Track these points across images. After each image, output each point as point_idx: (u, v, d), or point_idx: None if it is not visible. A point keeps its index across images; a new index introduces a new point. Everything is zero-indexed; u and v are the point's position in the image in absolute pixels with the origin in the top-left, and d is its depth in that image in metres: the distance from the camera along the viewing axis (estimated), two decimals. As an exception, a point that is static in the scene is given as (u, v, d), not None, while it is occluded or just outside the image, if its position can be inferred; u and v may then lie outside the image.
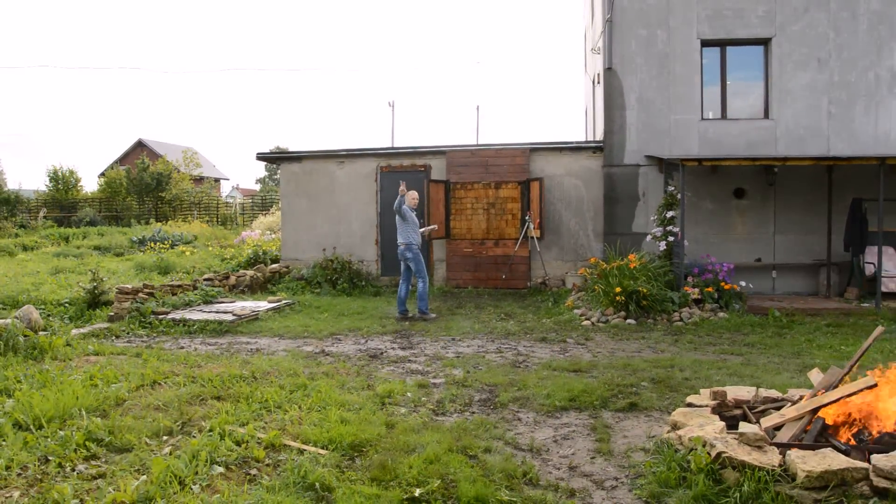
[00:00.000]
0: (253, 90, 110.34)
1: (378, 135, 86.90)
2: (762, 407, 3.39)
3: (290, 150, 14.71)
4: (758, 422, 3.24)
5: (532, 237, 10.16)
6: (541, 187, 10.27)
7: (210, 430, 3.61)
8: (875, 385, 2.97)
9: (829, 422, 3.04)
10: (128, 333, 6.75)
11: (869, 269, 8.73)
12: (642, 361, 5.41)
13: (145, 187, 27.28)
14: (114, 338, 6.52)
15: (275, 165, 30.89)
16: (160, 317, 7.38)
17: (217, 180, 43.20)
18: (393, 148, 11.87)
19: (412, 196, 7.88)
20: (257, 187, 54.67)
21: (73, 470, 3.13)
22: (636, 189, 10.12)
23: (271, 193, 33.92)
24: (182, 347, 6.14)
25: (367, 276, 11.00)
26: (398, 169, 11.35)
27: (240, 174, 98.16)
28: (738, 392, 3.62)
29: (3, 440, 3.41)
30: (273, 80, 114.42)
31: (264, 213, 25.15)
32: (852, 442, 2.95)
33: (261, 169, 69.91)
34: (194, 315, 7.51)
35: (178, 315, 7.47)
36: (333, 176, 11.64)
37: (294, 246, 11.74)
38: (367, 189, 11.49)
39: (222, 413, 3.91)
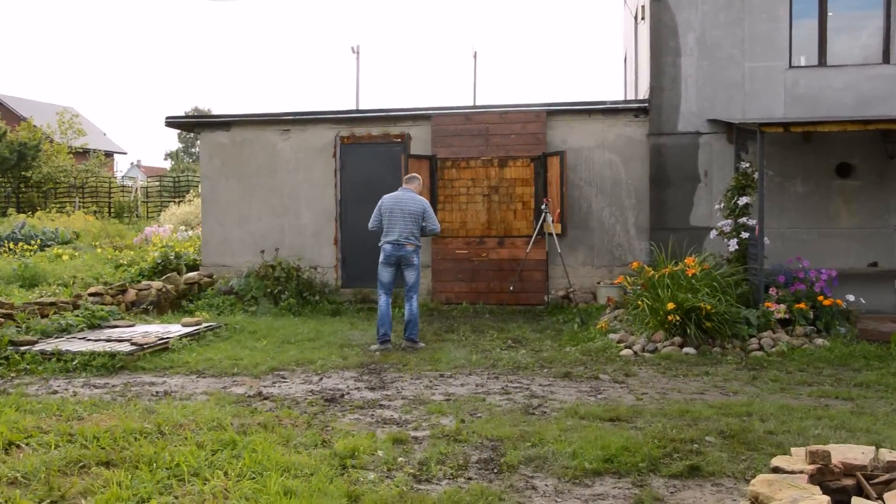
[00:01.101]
0: (162, 32, 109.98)
1: (338, 94, 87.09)
2: (885, 476, 3.26)
3: (215, 113, 14.78)
4: (880, 498, 3.13)
5: (550, 234, 10.17)
6: (562, 165, 10.30)
7: (93, 513, 3.54)
8: None
9: None
10: (-31, 374, 6.64)
11: None
12: (706, 407, 5.41)
13: (1, 163, 26.05)
14: (-52, 381, 6.41)
15: (192, 135, 30.50)
16: (23, 349, 7.17)
17: (109, 154, 42.21)
18: (358, 111, 11.89)
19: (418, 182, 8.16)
20: (167, 165, 54.46)
21: None
22: (695, 166, 10.18)
23: (187, 174, 33.79)
24: (55, 392, 6.04)
25: (323, 287, 11.04)
26: (365, 140, 11.39)
27: (143, 147, 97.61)
28: (849, 453, 3.48)
29: None
30: (190, 18, 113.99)
31: (177, 200, 25.13)
32: None
33: (172, 140, 69.33)
34: (75, 345, 7.37)
35: (49, 345, 7.31)
36: (276, 150, 11.66)
37: (220, 247, 11.73)
38: (322, 167, 11.51)
39: (112, 486, 3.80)
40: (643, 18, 11.52)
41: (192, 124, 12.47)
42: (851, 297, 8.45)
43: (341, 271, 11.40)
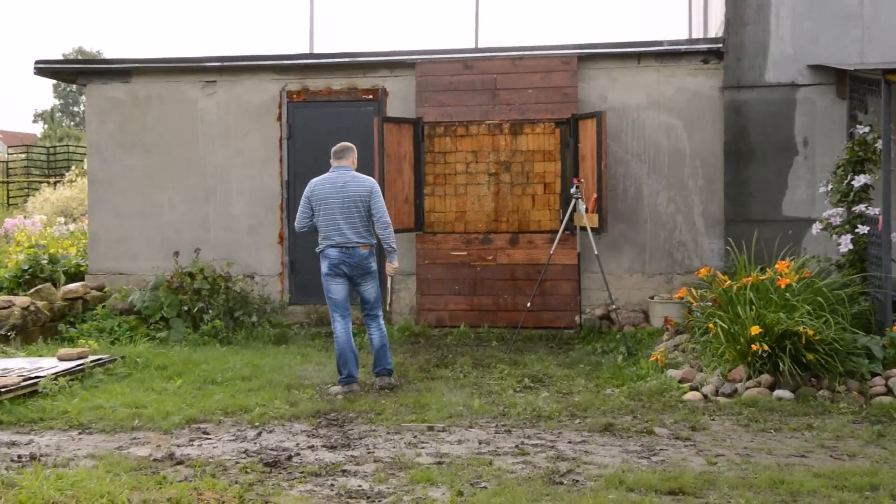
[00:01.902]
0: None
1: (284, 33, 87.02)
2: None
3: (108, 57, 14.57)
4: None
5: (584, 229, 10.15)
6: (600, 132, 10.31)
7: None
8: None
9: None
10: None
11: None
12: (810, 476, 5.39)
13: None
14: None
15: (75, 88, 30.73)
16: None
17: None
18: (313, 56, 11.95)
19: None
20: (37, 130, 54.13)
21: None
22: (790, 132, 10.21)
23: (67, 144, 33.59)
24: None
25: (263, 304, 11.10)
26: (323, 96, 11.44)
27: (1, 106, 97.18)
28: None
29: None
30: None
31: (53, 181, 25.06)
32: None
33: (46, 95, 68.70)
34: None
35: None
36: (196, 110, 11.70)
37: (115, 247, 11.75)
38: (261, 135, 11.56)
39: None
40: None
41: (75, 71, 12.41)
42: None
43: (289, 281, 11.42)
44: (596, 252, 9.89)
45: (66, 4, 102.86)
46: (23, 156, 30.89)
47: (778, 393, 7.28)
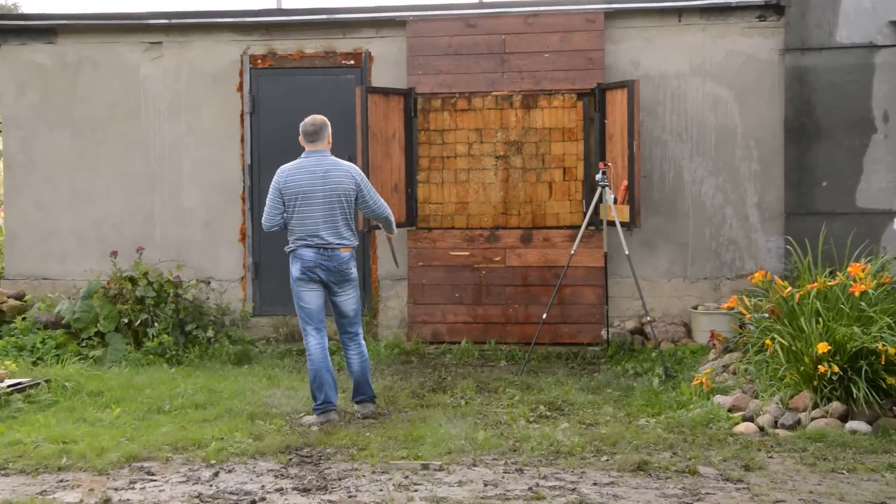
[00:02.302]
0: None
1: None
2: None
3: (27, 12, 14.42)
4: None
5: (612, 223, 10.12)
6: (632, 105, 10.31)
7: None
8: None
9: None
10: None
11: None
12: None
13: None
14: None
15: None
16: None
17: None
18: (281, 12, 11.95)
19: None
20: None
21: None
22: (867, 105, 10.25)
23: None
24: None
25: (221, 315, 11.12)
26: (294, 62, 11.46)
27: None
28: None
29: None
30: None
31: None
32: None
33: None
34: None
35: None
36: (137, 78, 11.71)
37: (38, 246, 11.76)
38: (218, 109, 11.59)
39: None
40: None
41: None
42: None
43: (253, 288, 11.47)
44: (627, 252, 9.86)
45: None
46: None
47: (851, 425, 7.23)
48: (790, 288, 8.33)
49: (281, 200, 7.82)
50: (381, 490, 6.03)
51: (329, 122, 8.00)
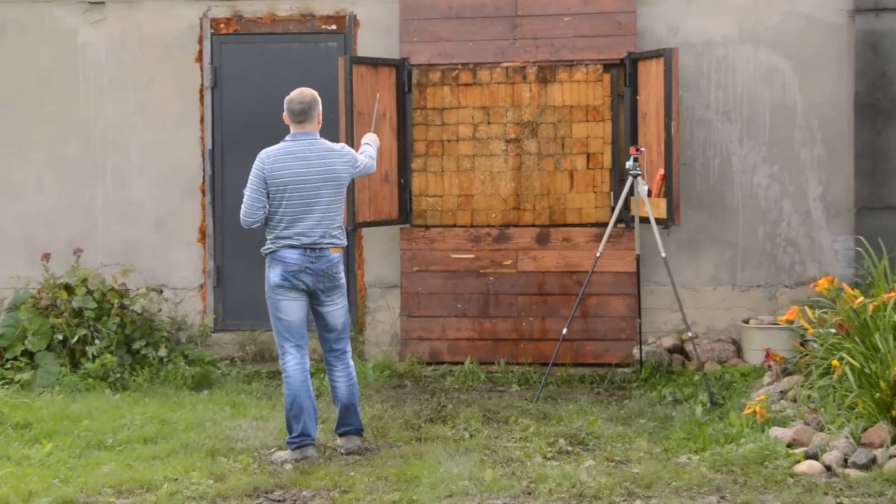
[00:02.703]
0: None
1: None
2: None
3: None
4: None
5: (646, 219, 10.11)
6: (669, 77, 10.29)
7: None
8: None
9: None
10: None
11: None
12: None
13: None
14: None
15: None
16: None
17: None
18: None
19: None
20: None
21: None
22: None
23: None
24: None
25: (176, 330, 11.13)
26: (264, 26, 11.43)
27: None
28: None
29: None
30: None
31: None
32: None
33: None
34: None
35: None
36: (74, 44, 11.66)
37: None
38: (173, 82, 11.56)
39: None
40: None
41: None
42: None
43: (215, 297, 11.48)
44: (663, 254, 9.82)
45: None
46: None
47: (935, 463, 7.23)
48: (862, 297, 8.28)
49: (265, 191, 7.76)
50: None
51: (318, 100, 7.94)
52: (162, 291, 11.30)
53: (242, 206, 7.84)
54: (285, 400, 7.85)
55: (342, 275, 7.97)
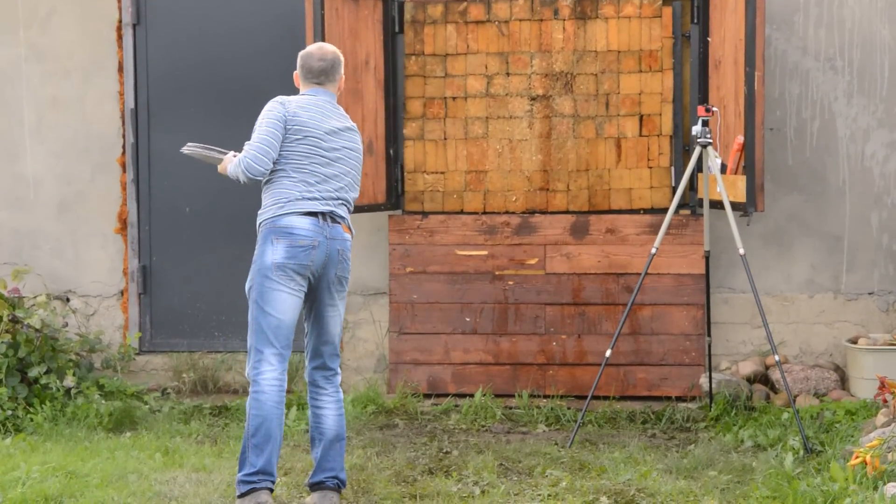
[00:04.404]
0: None
1: None
2: None
3: None
4: None
5: (718, 202, 10.11)
6: (753, 11, 10.13)
7: None
8: None
9: None
10: None
11: None
12: None
13: None
14: None
15: None
16: None
17: None
18: None
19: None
20: None
21: None
22: None
23: None
24: None
25: (89, 351, 11.15)
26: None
27: None
28: None
29: None
30: None
31: None
32: None
33: None
34: None
35: None
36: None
37: None
38: (79, 18, 11.63)
39: None
40: None
41: None
42: None
43: (140, 307, 11.57)
44: (741, 251, 9.82)
45: None
46: None
47: None
48: None
49: (281, 135, 7.75)
50: None
51: (340, 57, 8.00)
52: (69, 300, 11.34)
53: (250, 149, 7.66)
54: (250, 423, 7.69)
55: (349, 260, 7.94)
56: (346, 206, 7.89)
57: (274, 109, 7.75)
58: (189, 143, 8.03)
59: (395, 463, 9.16)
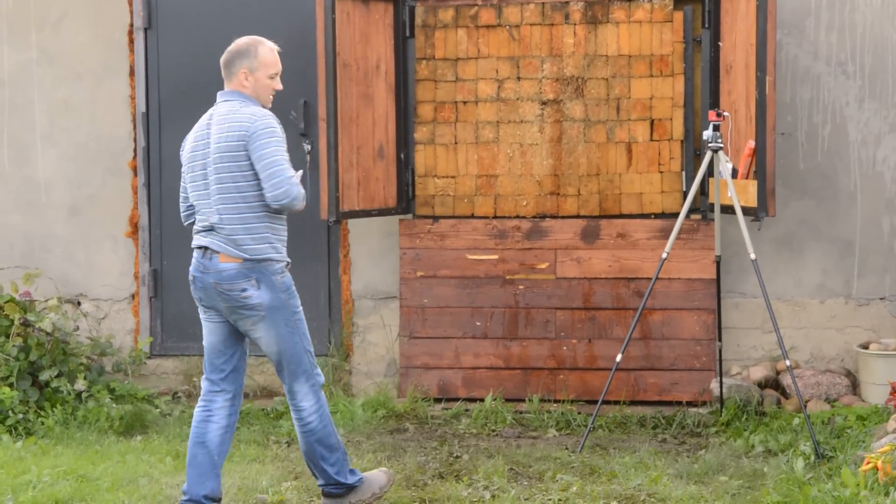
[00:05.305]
0: None
1: None
2: None
3: None
4: None
5: (729, 207, 10.09)
6: (764, 16, 10.10)
7: None
8: None
9: None
10: None
11: None
12: None
13: None
14: None
15: None
16: None
17: None
18: None
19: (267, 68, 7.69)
20: None
21: None
22: None
23: None
24: None
25: (99, 355, 11.14)
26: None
27: None
28: None
29: None
30: None
31: None
32: None
33: None
34: None
35: None
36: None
37: None
38: (91, 21, 11.61)
39: None
40: None
41: None
42: None
43: (151, 312, 11.58)
44: (753, 256, 9.82)
45: None
46: None
47: None
48: None
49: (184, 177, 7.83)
50: None
51: (259, 46, 7.59)
52: (80, 304, 11.35)
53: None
54: (189, 449, 7.80)
55: (253, 295, 7.45)
56: (231, 227, 7.41)
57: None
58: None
59: (405, 467, 9.16)
